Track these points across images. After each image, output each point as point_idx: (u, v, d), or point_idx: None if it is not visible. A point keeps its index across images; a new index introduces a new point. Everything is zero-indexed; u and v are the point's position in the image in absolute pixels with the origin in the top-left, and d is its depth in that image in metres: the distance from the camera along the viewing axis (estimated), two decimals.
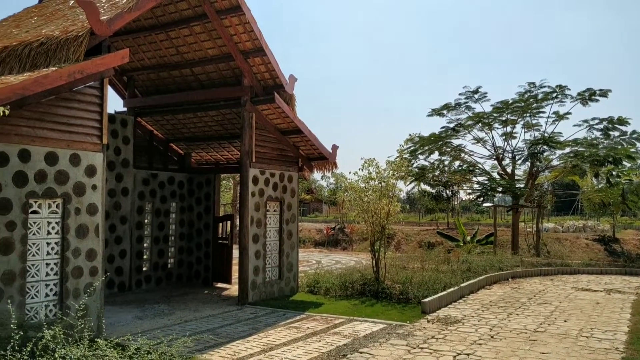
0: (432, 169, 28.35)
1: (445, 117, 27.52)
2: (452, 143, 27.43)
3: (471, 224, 39.56)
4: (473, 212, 61.28)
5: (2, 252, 8.16)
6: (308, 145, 14.80)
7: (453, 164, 28.46)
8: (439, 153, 27.72)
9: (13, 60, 9.62)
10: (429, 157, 27.99)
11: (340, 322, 11.34)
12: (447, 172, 28.94)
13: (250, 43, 13.02)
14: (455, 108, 27.11)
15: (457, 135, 27.18)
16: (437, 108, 27.48)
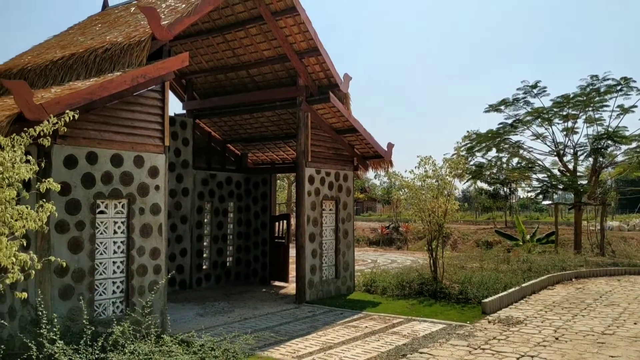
0: (490, 166, 27.76)
1: (502, 113, 26.88)
2: (511, 139, 26.76)
3: (530, 223, 38.47)
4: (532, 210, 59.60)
5: (72, 250, 8.51)
6: (363, 143, 14.76)
7: (511, 160, 27.78)
8: (496, 150, 27.11)
9: (80, 67, 10.03)
10: (486, 154, 27.42)
11: (398, 321, 11.26)
12: (505, 170, 28.28)
13: (305, 43, 13.10)
14: (513, 103, 26.41)
15: (515, 131, 26.49)
16: (495, 104, 26.86)
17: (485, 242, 30.16)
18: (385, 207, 65.71)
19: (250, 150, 18.03)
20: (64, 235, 8.42)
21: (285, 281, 16.49)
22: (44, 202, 6.12)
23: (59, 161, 8.39)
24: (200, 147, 16.36)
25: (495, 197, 43.66)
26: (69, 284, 8.43)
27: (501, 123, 26.73)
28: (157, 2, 11.74)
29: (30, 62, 11.26)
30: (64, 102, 7.79)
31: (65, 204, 8.40)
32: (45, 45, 12.72)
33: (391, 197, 48.31)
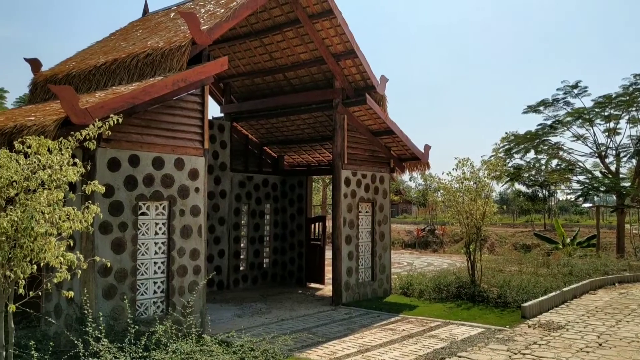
0: (528, 168, 27.28)
1: (542, 114, 26.39)
2: (550, 141, 26.26)
3: (570, 226, 37.65)
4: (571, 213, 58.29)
5: (115, 251, 8.73)
6: (400, 145, 14.70)
7: (550, 162, 27.25)
8: (535, 151, 26.64)
9: (122, 72, 10.28)
10: (524, 155, 26.96)
11: (436, 325, 11.17)
12: (544, 171, 27.76)
13: (342, 45, 13.13)
14: (552, 104, 25.91)
15: (554, 132, 25.99)
16: (533, 105, 26.40)
17: (524, 245, 29.64)
18: (420, 210, 65.23)
19: (287, 153, 18.15)
20: (107, 236, 8.64)
21: (321, 283, 16.54)
22: (89, 204, 6.30)
23: (102, 164, 8.61)
24: (237, 150, 16.55)
25: (534, 199, 42.85)
26: (112, 284, 8.65)
27: (540, 124, 26.27)
28: (196, 7, 11.95)
29: (74, 67, 11.60)
30: (108, 106, 8.00)
31: (109, 206, 8.62)
32: (88, 51, 13.07)
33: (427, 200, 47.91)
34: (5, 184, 5.73)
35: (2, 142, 8.05)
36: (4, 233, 5.51)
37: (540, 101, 26.17)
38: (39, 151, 6.08)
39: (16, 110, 11.48)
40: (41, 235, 5.63)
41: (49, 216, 5.78)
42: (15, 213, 5.53)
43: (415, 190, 72.12)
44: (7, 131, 8.23)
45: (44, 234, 5.64)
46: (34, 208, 5.64)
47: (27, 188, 5.86)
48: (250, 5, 10.59)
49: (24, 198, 5.77)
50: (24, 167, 5.92)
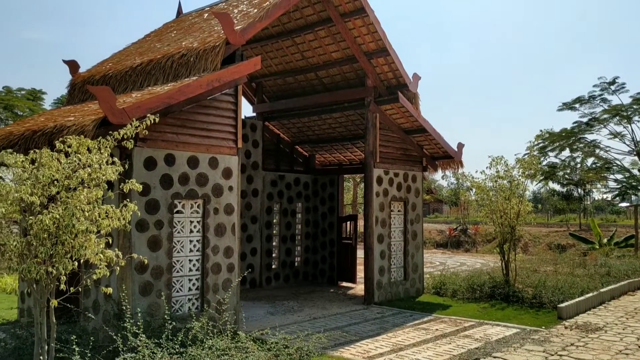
0: (563, 166, 26.79)
1: (577, 111, 25.92)
2: (586, 138, 25.75)
3: (606, 226, 36.72)
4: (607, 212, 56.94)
5: (151, 248, 8.88)
6: (432, 144, 14.59)
7: (586, 160, 26.72)
8: (569, 150, 26.15)
9: (157, 72, 10.44)
10: (559, 154, 26.51)
11: (469, 325, 11.05)
12: (579, 170, 27.21)
13: (374, 44, 13.09)
14: (589, 101, 25.42)
15: (591, 130, 25.49)
16: (569, 102, 25.98)
17: (558, 245, 29.06)
18: (452, 209, 64.61)
19: (318, 152, 18.18)
20: (143, 233, 8.79)
21: (352, 282, 16.52)
22: (127, 202, 6.43)
23: (139, 163, 8.77)
24: (269, 149, 16.65)
25: (569, 198, 42.01)
26: (149, 281, 8.80)
27: (576, 122, 25.83)
28: (230, 7, 12.06)
29: (111, 68, 11.83)
30: (145, 106, 8.14)
31: (145, 204, 8.76)
32: (124, 52, 13.32)
33: (459, 199, 47.41)
34: (47, 183, 5.89)
35: (43, 142, 8.26)
36: (46, 230, 5.67)
37: (576, 98, 25.71)
38: (79, 150, 6.24)
39: (55, 111, 11.77)
40: (81, 233, 5.78)
41: (89, 214, 5.92)
42: (57, 211, 5.68)
43: (447, 189, 71.48)
44: (48, 131, 8.44)
45: (84, 232, 5.79)
46: (74, 206, 5.79)
47: (68, 186, 6.02)
48: (283, 5, 10.64)
49: (65, 196, 5.92)
50: (65, 166, 6.08)
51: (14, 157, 5.99)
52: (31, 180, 5.84)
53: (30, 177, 5.88)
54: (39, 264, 5.72)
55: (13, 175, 6.11)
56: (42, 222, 5.56)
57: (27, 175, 5.88)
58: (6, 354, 7.22)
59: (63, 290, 6.00)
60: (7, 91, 22.61)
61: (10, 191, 5.68)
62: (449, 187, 72.16)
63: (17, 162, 5.95)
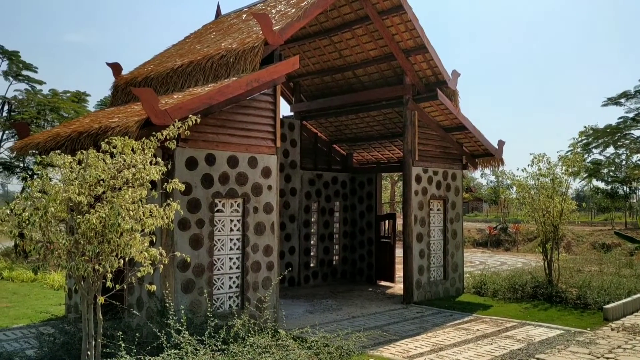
0: (608, 163, 26.05)
1: (623, 106, 25.16)
2: (632, 134, 24.96)
3: None
4: None
5: (192, 247, 9.03)
6: (472, 141, 14.39)
7: (631, 157, 25.91)
8: (614, 146, 25.42)
9: (198, 73, 10.60)
10: (604, 150, 25.78)
11: (511, 325, 10.86)
12: (624, 167, 26.41)
13: (412, 41, 12.99)
14: (635, 96, 24.63)
15: (637, 125, 24.68)
16: (614, 97, 25.19)
17: (603, 245, 28.26)
18: (492, 207, 63.54)
19: (356, 150, 18.15)
20: (185, 232, 8.95)
21: (391, 281, 16.44)
22: (170, 201, 6.56)
23: (181, 163, 8.92)
24: (307, 148, 16.70)
25: (614, 196, 40.79)
26: (191, 278, 8.95)
27: (621, 117, 25.03)
28: (268, 8, 12.14)
29: (152, 70, 12.07)
30: (186, 107, 8.28)
31: (187, 203, 8.92)
32: (165, 54, 13.56)
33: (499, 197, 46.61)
34: (93, 183, 6.05)
35: (89, 143, 8.48)
36: (93, 229, 5.82)
37: (622, 93, 24.96)
38: (124, 151, 6.38)
39: (100, 113, 12.08)
40: (127, 231, 5.92)
41: (134, 213, 6.06)
42: (104, 210, 5.83)
43: (486, 188, 70.34)
44: (93, 132, 8.67)
45: (129, 230, 5.92)
46: (120, 205, 5.92)
47: (113, 186, 6.17)
48: (320, 4, 10.66)
49: (111, 196, 6.07)
50: (110, 167, 6.23)
51: (62, 158, 6.17)
52: (79, 180, 6.01)
53: (77, 177, 6.05)
54: (86, 261, 5.88)
55: (61, 175, 6.29)
56: (89, 221, 5.71)
57: (74, 175, 6.06)
58: (55, 349, 7.45)
59: (109, 287, 6.16)
60: (53, 94, 23.29)
61: (59, 191, 5.86)
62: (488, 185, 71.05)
63: (65, 163, 6.13)
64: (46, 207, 5.68)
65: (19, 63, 21.83)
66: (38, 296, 14.11)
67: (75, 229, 6.01)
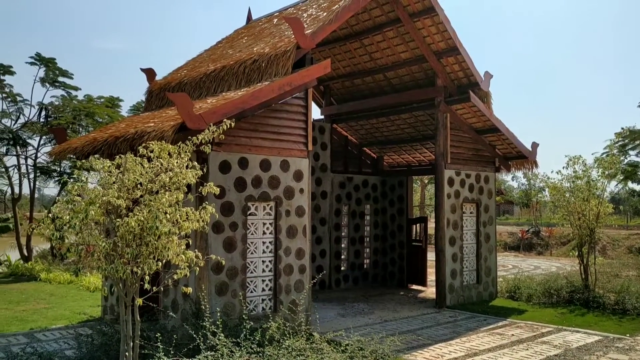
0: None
1: None
2: None
3: None
4: None
5: (226, 249, 9.11)
6: (505, 143, 14.19)
7: None
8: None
9: (230, 78, 10.70)
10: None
11: (547, 330, 10.67)
12: None
13: (444, 43, 12.89)
14: None
15: None
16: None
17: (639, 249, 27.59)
18: (523, 210, 62.56)
19: (386, 153, 18.08)
20: (219, 235, 9.03)
21: (423, 285, 16.31)
22: (206, 204, 6.63)
23: (214, 166, 9.02)
24: (337, 151, 16.70)
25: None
26: (224, 281, 9.03)
27: None
28: (299, 12, 12.20)
29: (186, 75, 12.23)
30: (220, 111, 8.36)
31: (221, 206, 9.00)
32: (198, 59, 13.73)
33: (531, 200, 45.89)
34: (132, 186, 6.15)
35: (125, 148, 8.63)
36: (131, 232, 5.92)
37: None
38: (161, 155, 6.48)
39: (135, 118, 12.28)
40: (164, 234, 6.00)
41: (171, 216, 6.13)
42: (142, 213, 5.92)
43: (517, 190, 69.27)
44: (129, 137, 8.81)
45: (167, 233, 6.00)
46: (157, 208, 6.01)
47: (151, 190, 6.26)
48: (352, 7, 10.66)
49: (148, 199, 6.16)
50: (147, 171, 6.33)
51: (102, 162, 6.29)
52: (117, 184, 6.12)
53: (116, 181, 6.16)
54: (125, 264, 5.98)
55: (100, 178, 6.41)
56: (128, 224, 5.80)
57: (113, 179, 6.17)
58: (94, 350, 7.59)
59: (146, 289, 6.25)
60: (88, 99, 23.77)
61: (98, 195, 5.98)
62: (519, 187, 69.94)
63: (104, 167, 6.25)
64: (87, 211, 5.79)
65: (56, 70, 22.33)
66: (75, 298, 14.41)
67: (114, 232, 6.11)
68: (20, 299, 14.15)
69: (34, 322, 11.25)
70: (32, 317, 11.86)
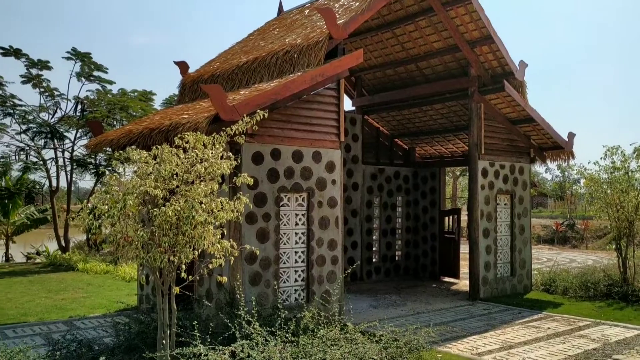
0: None
1: None
2: None
3: None
4: None
5: (259, 240, 9.17)
6: (541, 134, 13.93)
7: None
8: None
9: (263, 69, 10.73)
10: None
11: (584, 324, 10.47)
12: None
13: (478, 32, 12.68)
14: None
15: None
16: None
17: None
18: (557, 203, 61.42)
19: (418, 144, 17.92)
20: (252, 225, 9.10)
21: (455, 277, 16.17)
22: (240, 195, 6.68)
23: (247, 157, 9.07)
24: (369, 143, 16.63)
25: None
26: (258, 271, 9.10)
27: None
28: (331, 2, 12.15)
29: (218, 67, 12.31)
30: (253, 102, 8.40)
31: (254, 197, 9.05)
32: (230, 51, 13.81)
33: (565, 192, 45.01)
34: (168, 177, 6.24)
35: (160, 139, 8.75)
36: (168, 221, 6.01)
37: None
38: (196, 146, 6.55)
39: (169, 110, 12.43)
40: (200, 224, 6.07)
41: (206, 206, 6.20)
42: (178, 203, 6.00)
43: (551, 183, 68.02)
44: (164, 129, 8.93)
45: (202, 223, 6.07)
46: (193, 198, 6.08)
47: (187, 180, 6.34)
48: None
49: (184, 189, 6.24)
50: (183, 161, 6.40)
51: (139, 153, 6.39)
52: (154, 174, 6.21)
53: (153, 171, 6.25)
54: (162, 252, 6.07)
55: (137, 169, 6.51)
56: (165, 213, 5.89)
57: (150, 169, 6.26)
58: (131, 337, 7.74)
59: (183, 278, 6.34)
60: (122, 93, 24.14)
61: (136, 185, 6.08)
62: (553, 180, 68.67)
63: (141, 158, 6.35)
64: (125, 200, 5.90)
65: (91, 64, 22.72)
66: (111, 287, 14.72)
67: (150, 222, 6.21)
68: (59, 288, 14.53)
69: (72, 311, 11.54)
70: (71, 305, 12.16)
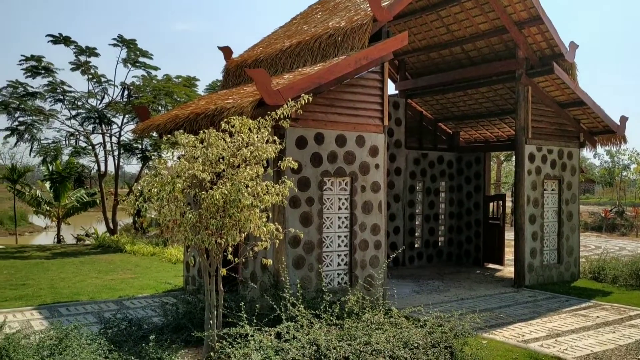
0: None
1: None
2: None
3: None
4: None
5: (303, 224, 9.22)
6: (591, 117, 13.50)
7: None
8: None
9: (306, 53, 10.71)
10: None
11: (635, 314, 10.18)
12: None
13: (526, 12, 12.33)
14: None
15: None
16: None
17: None
18: (605, 189, 59.62)
19: (462, 129, 17.63)
20: (296, 209, 9.15)
21: (500, 264, 15.93)
22: (285, 179, 6.72)
23: (291, 142, 9.10)
24: (412, 127, 16.45)
25: None
26: (301, 255, 9.17)
27: None
28: None
29: (262, 52, 12.35)
30: (297, 87, 8.40)
31: (297, 181, 9.09)
32: (273, 36, 13.82)
33: (614, 178, 43.64)
34: (215, 160, 6.32)
35: (206, 124, 8.86)
36: (215, 204, 6.09)
37: None
38: (241, 130, 6.60)
39: (214, 95, 12.56)
40: (246, 207, 6.14)
41: (252, 189, 6.27)
42: (225, 186, 6.08)
43: (599, 168, 65.98)
44: (210, 113, 9.04)
45: (248, 206, 6.14)
46: (239, 182, 6.15)
47: (233, 164, 6.41)
48: None
49: (231, 173, 6.32)
50: (230, 145, 6.47)
51: (186, 136, 6.49)
52: (202, 158, 6.30)
53: (200, 155, 6.34)
54: (209, 235, 6.18)
55: (185, 153, 6.61)
56: (212, 196, 5.98)
57: (198, 153, 6.36)
58: (179, 317, 7.93)
59: (229, 260, 6.43)
60: (167, 79, 24.54)
61: (184, 168, 6.18)
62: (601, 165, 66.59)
63: (189, 142, 6.45)
64: (174, 183, 6.01)
65: (136, 50, 23.15)
66: (158, 269, 15.09)
67: (197, 205, 6.32)
68: (108, 269, 14.99)
69: (122, 291, 11.89)
70: (120, 285, 12.54)
